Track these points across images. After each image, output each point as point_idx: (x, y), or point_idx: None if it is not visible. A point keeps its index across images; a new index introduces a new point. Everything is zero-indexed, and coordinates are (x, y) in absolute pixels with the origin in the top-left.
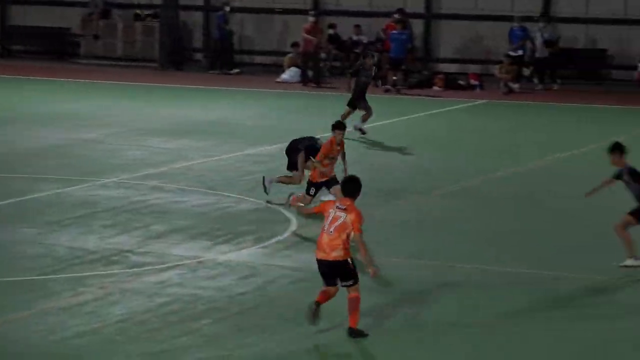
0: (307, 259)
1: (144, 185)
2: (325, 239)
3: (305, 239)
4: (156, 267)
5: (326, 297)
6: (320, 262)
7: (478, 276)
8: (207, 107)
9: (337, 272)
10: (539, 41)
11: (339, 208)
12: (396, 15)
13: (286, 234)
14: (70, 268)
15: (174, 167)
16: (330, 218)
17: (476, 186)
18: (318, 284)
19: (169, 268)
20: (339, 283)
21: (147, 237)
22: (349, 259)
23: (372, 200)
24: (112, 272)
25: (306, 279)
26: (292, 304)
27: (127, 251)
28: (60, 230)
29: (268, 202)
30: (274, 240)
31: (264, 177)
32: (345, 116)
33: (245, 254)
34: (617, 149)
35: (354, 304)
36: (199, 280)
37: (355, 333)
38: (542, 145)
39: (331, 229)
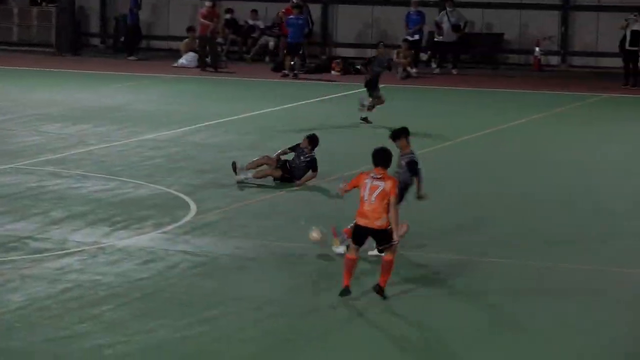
0: (207, 244)
1: (42, 171)
2: (367, 207)
3: (205, 224)
4: (56, 253)
5: (349, 273)
6: (362, 229)
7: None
8: (105, 93)
9: (377, 237)
10: (446, 25)
11: (375, 177)
12: (294, 0)
13: (186, 219)
14: None
15: (72, 152)
16: (368, 188)
17: None
18: (217, 269)
19: (68, 254)
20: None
21: (46, 223)
22: (389, 226)
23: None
24: (11, 258)
25: (206, 263)
26: (193, 289)
27: (26, 237)
28: None
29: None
30: (173, 225)
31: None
32: (372, 107)
33: (145, 239)
34: (403, 133)
35: (387, 266)
36: (99, 266)
37: (379, 290)
38: (440, 130)
39: (372, 198)
